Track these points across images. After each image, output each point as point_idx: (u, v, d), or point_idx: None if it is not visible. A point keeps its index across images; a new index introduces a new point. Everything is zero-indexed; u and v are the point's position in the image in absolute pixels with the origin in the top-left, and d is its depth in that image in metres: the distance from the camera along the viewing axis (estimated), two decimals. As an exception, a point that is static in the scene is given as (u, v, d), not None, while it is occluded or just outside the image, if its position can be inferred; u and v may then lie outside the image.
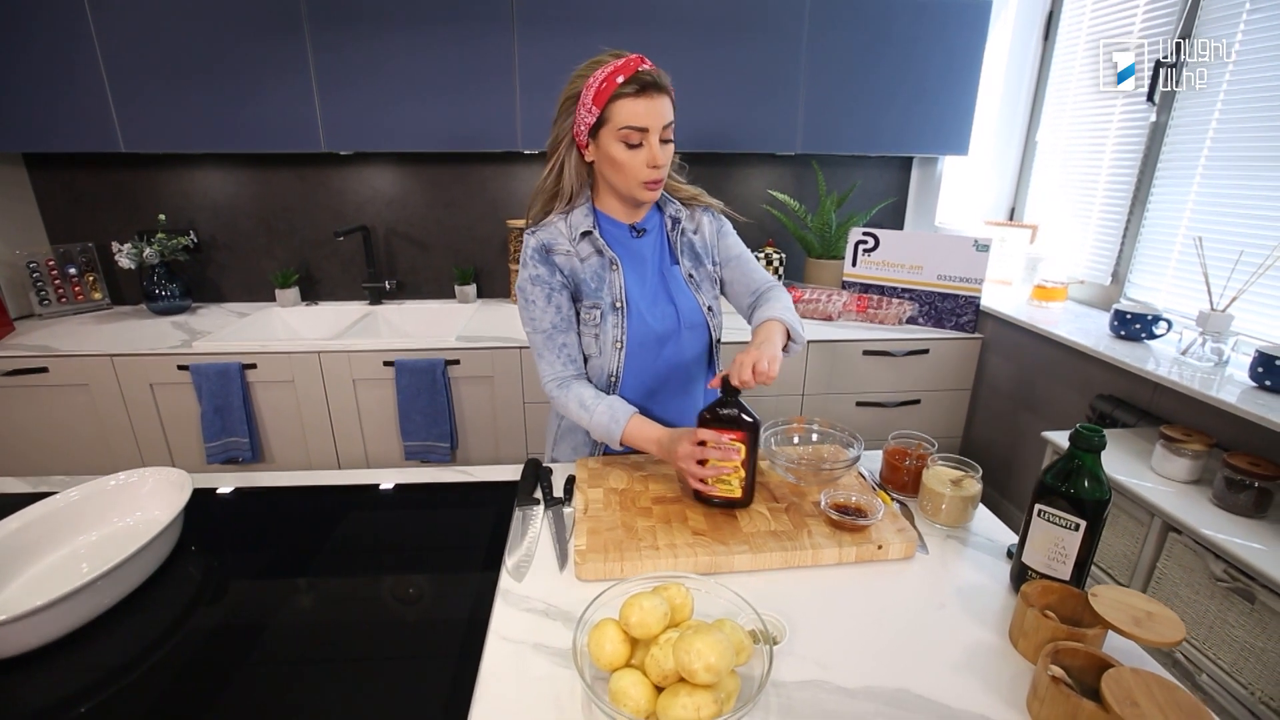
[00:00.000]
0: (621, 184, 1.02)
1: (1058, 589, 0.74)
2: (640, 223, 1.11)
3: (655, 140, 0.98)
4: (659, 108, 0.96)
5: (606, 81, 0.95)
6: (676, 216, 1.12)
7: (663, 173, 1.01)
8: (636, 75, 0.94)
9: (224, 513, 1.03)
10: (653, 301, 1.10)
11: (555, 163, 1.05)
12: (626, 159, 0.98)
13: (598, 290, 1.07)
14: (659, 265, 1.12)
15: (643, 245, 1.11)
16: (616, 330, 1.07)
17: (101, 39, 1.78)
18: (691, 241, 1.14)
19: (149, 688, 0.69)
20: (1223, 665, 1.11)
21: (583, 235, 1.06)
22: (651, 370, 1.12)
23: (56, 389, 1.83)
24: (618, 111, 0.95)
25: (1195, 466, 1.28)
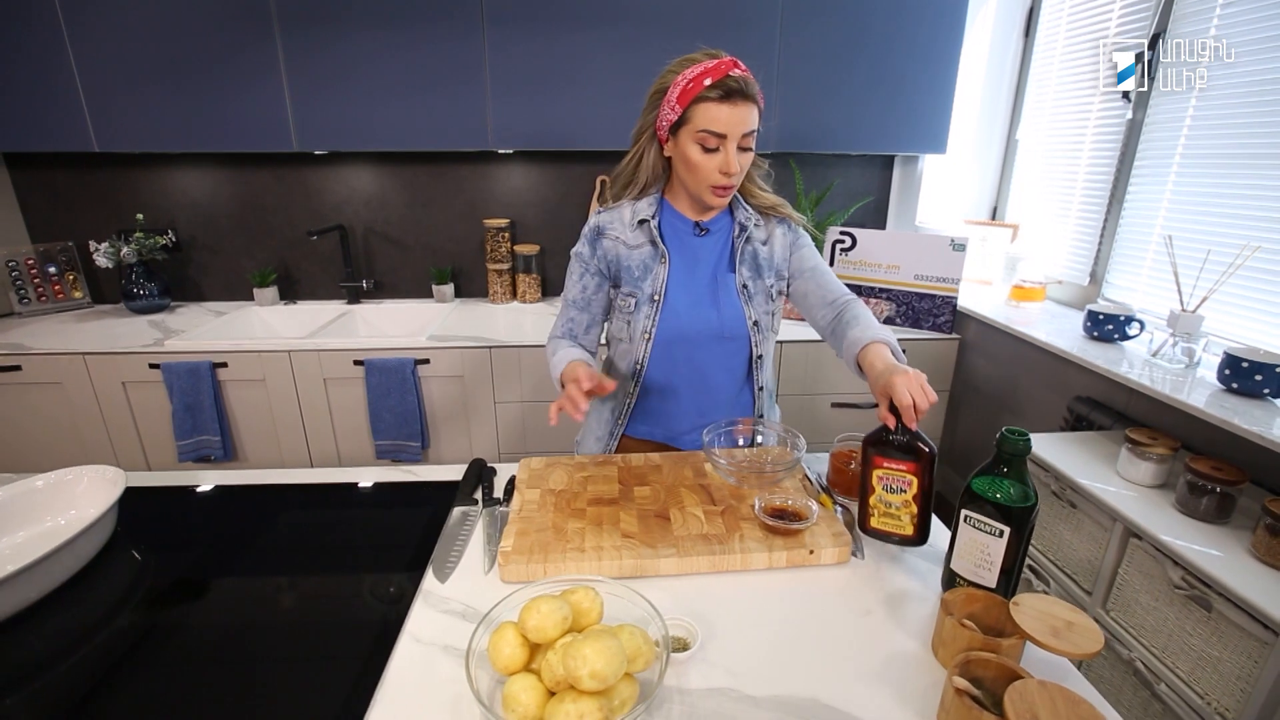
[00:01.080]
0: (692, 185, 1.03)
1: (982, 597, 0.72)
2: (707, 222, 1.11)
3: (732, 147, 0.97)
4: (741, 115, 0.95)
5: (693, 82, 0.95)
6: (745, 224, 1.10)
7: (735, 180, 1.01)
8: (723, 80, 0.93)
9: (163, 510, 1.02)
10: (695, 302, 1.09)
11: (636, 152, 1.08)
12: (701, 161, 0.99)
13: (640, 279, 1.09)
14: (714, 268, 1.11)
15: (703, 245, 1.11)
16: (648, 322, 1.08)
17: (73, 38, 1.79)
18: (756, 252, 1.11)
19: (58, 684, 0.68)
20: (1180, 674, 1.09)
21: (640, 223, 1.08)
22: (681, 370, 1.12)
23: (30, 386, 1.84)
24: (698, 114, 0.95)
25: (1160, 470, 1.25)
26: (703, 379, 1.13)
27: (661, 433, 1.18)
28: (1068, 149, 1.89)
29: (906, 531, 0.84)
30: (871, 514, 0.86)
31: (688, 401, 1.15)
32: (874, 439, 0.83)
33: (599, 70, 1.91)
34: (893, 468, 0.82)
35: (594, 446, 1.21)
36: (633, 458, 1.09)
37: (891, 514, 0.84)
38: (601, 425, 1.20)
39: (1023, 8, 2.02)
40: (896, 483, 0.82)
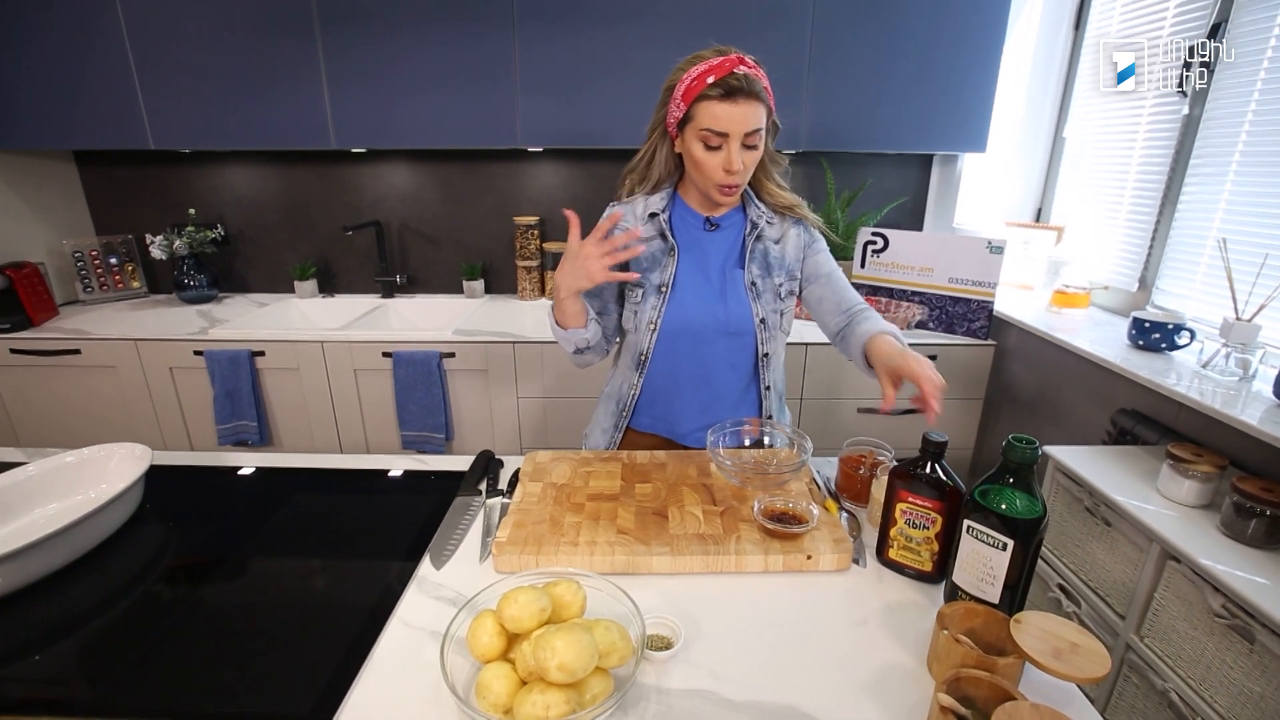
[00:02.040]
0: (699, 182, 1.04)
1: (982, 612, 0.69)
2: (718, 218, 1.11)
3: (735, 146, 0.96)
4: (743, 113, 0.94)
5: (697, 80, 0.94)
6: (756, 221, 1.10)
7: (739, 178, 1.00)
8: (725, 79, 0.93)
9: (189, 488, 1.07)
10: (702, 296, 1.09)
11: (649, 148, 1.09)
12: (704, 159, 0.99)
13: (649, 271, 1.09)
14: (723, 264, 1.11)
15: (712, 240, 1.11)
16: (654, 312, 1.08)
17: (134, 46, 1.90)
18: (767, 250, 1.11)
19: (70, 647, 0.72)
20: (1219, 710, 1.01)
21: (650, 216, 1.09)
22: (685, 363, 1.12)
23: (87, 369, 1.96)
24: (701, 112, 0.95)
25: (1205, 490, 1.17)
26: (707, 373, 1.12)
27: (665, 427, 1.17)
28: (1118, 148, 1.79)
29: (925, 567, 0.81)
30: (891, 545, 0.83)
31: (690, 396, 1.13)
32: (902, 471, 0.80)
33: (627, 68, 1.91)
34: (918, 503, 0.79)
35: (600, 439, 1.21)
36: (638, 455, 1.08)
37: (911, 548, 0.81)
38: (607, 417, 1.20)
39: (1072, 1, 1.92)
40: (920, 519, 0.79)
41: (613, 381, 1.22)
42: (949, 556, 0.77)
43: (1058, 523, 1.40)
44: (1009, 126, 2.09)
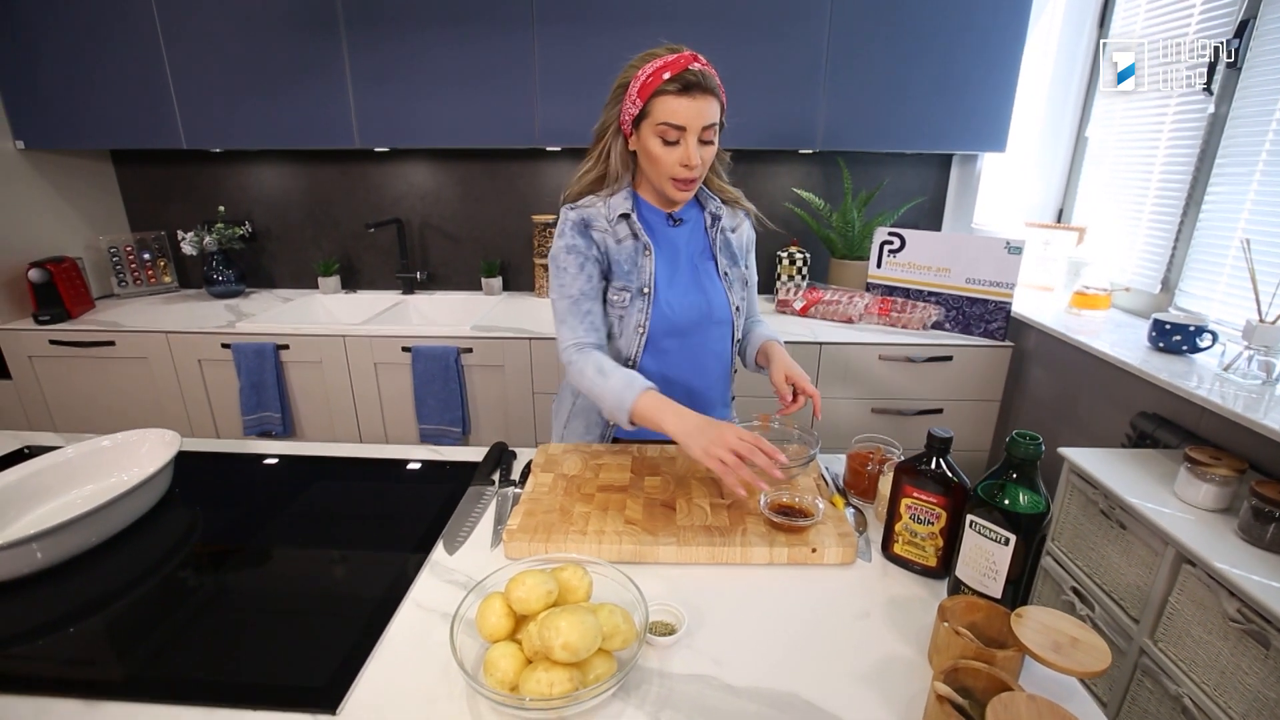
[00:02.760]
0: (654, 177, 1.04)
1: (984, 606, 0.69)
2: (678, 213, 1.13)
3: (692, 140, 0.98)
4: (700, 108, 0.96)
5: (653, 76, 0.96)
6: (717, 214, 1.14)
7: (696, 173, 1.01)
8: (682, 74, 0.94)
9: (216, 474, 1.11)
10: (683, 291, 1.10)
11: (602, 147, 1.08)
12: (661, 154, 0.99)
13: (629, 273, 1.08)
14: (692, 257, 1.13)
15: (678, 235, 1.13)
16: (640, 315, 1.08)
17: (169, 48, 1.96)
18: (729, 240, 1.16)
19: (100, 622, 0.76)
20: (1234, 716, 1.00)
21: (621, 217, 1.07)
22: (672, 360, 1.13)
23: (121, 360, 2.03)
24: (658, 107, 0.96)
25: (1223, 494, 1.15)
26: (695, 365, 1.14)
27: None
28: (1142, 147, 1.76)
29: (929, 562, 0.81)
30: (895, 540, 0.84)
31: (679, 390, 1.14)
32: (908, 467, 0.80)
33: (645, 68, 1.92)
34: (923, 499, 0.79)
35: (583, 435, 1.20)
36: (648, 448, 1.10)
37: (916, 543, 0.82)
38: (591, 430, 1.19)
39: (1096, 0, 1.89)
40: (925, 514, 0.80)
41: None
42: (953, 552, 0.77)
43: (1072, 525, 1.38)
44: (1030, 126, 2.07)
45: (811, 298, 2.07)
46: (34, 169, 2.14)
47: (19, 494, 0.92)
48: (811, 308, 2.07)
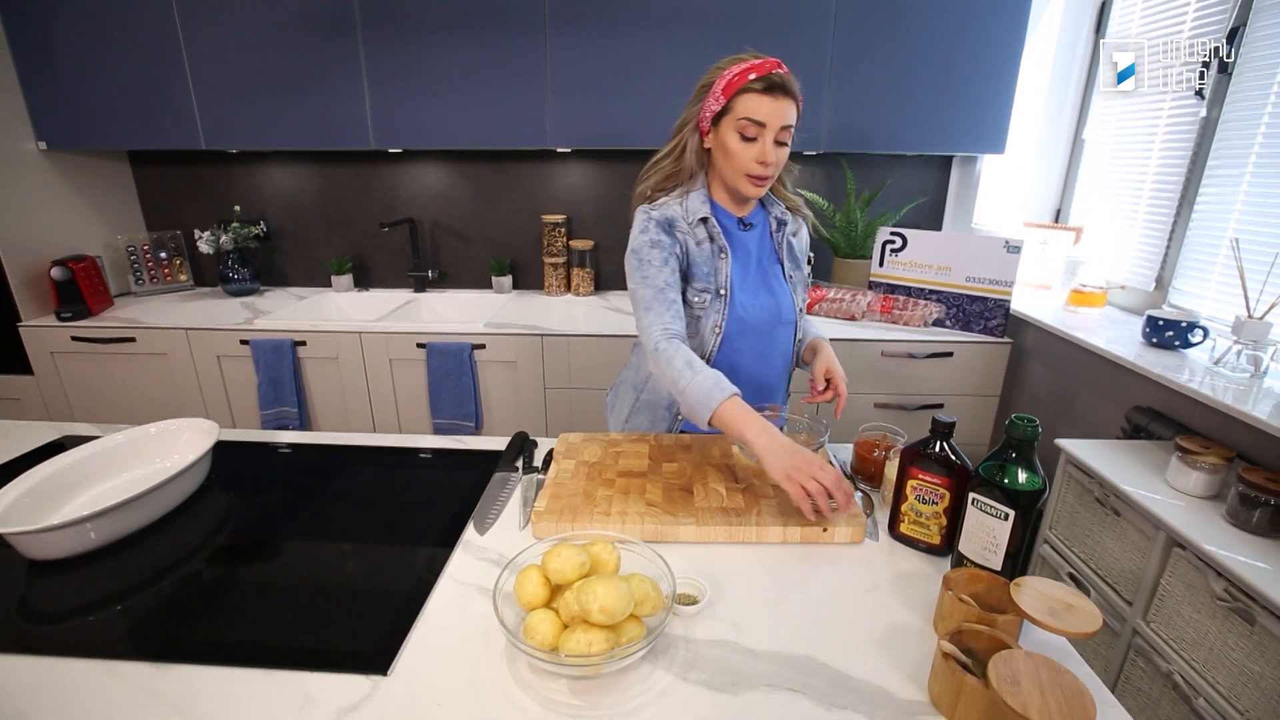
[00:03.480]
0: (729, 174, 1.08)
1: (985, 578, 0.74)
2: (748, 217, 1.17)
3: (769, 138, 1.03)
4: (780, 108, 1.01)
5: (739, 75, 1.01)
6: (782, 218, 1.19)
7: (770, 170, 1.05)
8: (767, 75, 1.00)
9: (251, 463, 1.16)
10: (753, 293, 1.15)
11: (678, 143, 1.12)
12: (739, 150, 1.04)
13: (707, 275, 1.11)
14: (760, 260, 1.18)
15: (749, 238, 1.17)
16: (718, 316, 1.12)
17: (189, 48, 2.01)
18: (792, 244, 1.21)
19: (158, 594, 0.81)
20: (1220, 689, 1.05)
21: (700, 220, 1.11)
22: (744, 359, 1.17)
23: (142, 356, 2.08)
24: (741, 103, 1.02)
25: (1212, 481, 1.20)
26: (763, 364, 1.19)
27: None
28: (1137, 149, 1.81)
29: (934, 540, 0.86)
30: (901, 520, 0.89)
31: (748, 386, 1.17)
32: (913, 450, 0.85)
33: (653, 71, 1.98)
34: (927, 480, 0.84)
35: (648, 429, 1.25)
36: (664, 437, 1.15)
37: (921, 523, 0.87)
38: (658, 423, 1.23)
39: (1094, 3, 1.95)
40: (930, 494, 0.85)
41: (655, 388, 1.21)
42: (956, 531, 0.82)
43: (1069, 513, 1.44)
44: (1029, 128, 2.12)
45: (815, 296, 2.13)
46: (55, 169, 2.19)
47: (75, 475, 0.97)
48: (815, 305, 2.12)
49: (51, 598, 0.82)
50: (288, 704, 0.64)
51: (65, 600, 0.81)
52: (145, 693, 0.65)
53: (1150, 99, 1.75)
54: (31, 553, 0.85)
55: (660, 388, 1.21)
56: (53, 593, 0.82)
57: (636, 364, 1.27)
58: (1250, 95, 1.48)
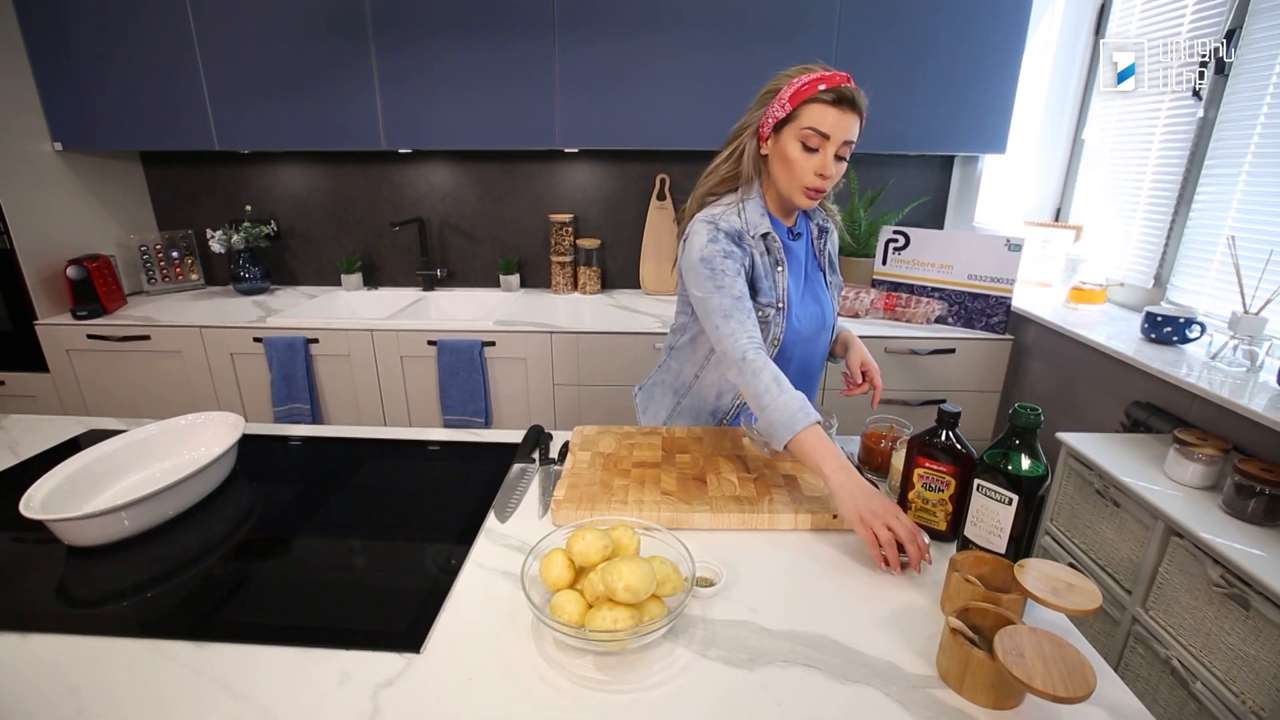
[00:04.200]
0: (785, 183, 1.06)
1: (990, 560, 0.78)
2: (795, 226, 1.18)
3: (831, 151, 1.01)
4: (846, 122, 1.00)
5: (808, 85, 1.00)
6: (825, 226, 1.21)
7: (828, 184, 1.04)
8: (838, 88, 0.99)
9: (273, 453, 1.20)
10: (804, 303, 1.17)
11: (736, 146, 1.11)
12: (799, 160, 1.02)
13: (769, 289, 1.11)
14: (806, 269, 1.19)
15: (798, 248, 1.18)
16: (777, 330, 1.12)
17: (203, 50, 2.05)
18: (830, 252, 1.24)
19: (195, 579, 0.84)
20: (1217, 673, 1.08)
21: (762, 236, 1.09)
22: (793, 365, 1.18)
23: (156, 353, 2.11)
24: (807, 112, 1.00)
25: (1209, 472, 1.24)
26: (807, 370, 1.23)
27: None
28: (1136, 149, 1.85)
29: (939, 527, 0.89)
30: (909, 507, 0.91)
31: None
32: (919, 440, 0.88)
33: (660, 73, 2.01)
34: (934, 468, 0.87)
35: None
36: (675, 430, 1.19)
37: (928, 509, 0.90)
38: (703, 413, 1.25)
39: (1093, 5, 1.98)
40: (936, 482, 0.88)
41: (698, 394, 1.22)
42: (961, 518, 0.85)
43: (1069, 505, 1.47)
44: (1029, 128, 2.16)
45: (819, 293, 2.16)
46: (70, 170, 2.22)
47: (109, 466, 1.01)
48: (819, 303, 2.15)
49: (90, 582, 0.85)
50: (327, 680, 0.67)
51: (104, 584, 0.84)
52: (189, 670, 0.69)
53: (1149, 99, 1.78)
54: (70, 539, 0.88)
55: (706, 393, 1.21)
56: (91, 577, 0.86)
57: (677, 368, 1.26)
58: (1247, 96, 1.51)
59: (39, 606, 0.79)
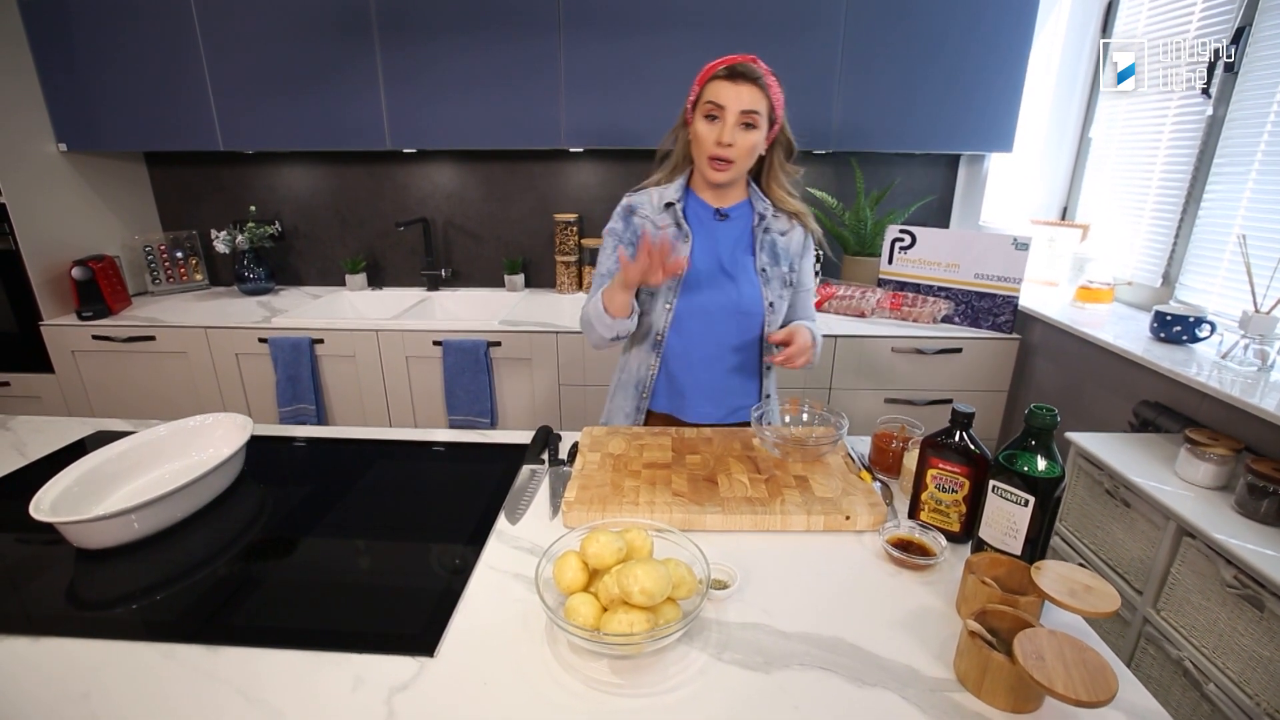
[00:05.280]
0: (697, 157, 1.17)
1: (1006, 562, 0.77)
2: (727, 208, 1.24)
3: (730, 120, 1.10)
4: (740, 93, 1.09)
5: (710, 67, 1.13)
6: (764, 214, 1.23)
7: (732, 154, 1.12)
8: (733, 65, 1.10)
9: (281, 454, 1.19)
10: (715, 279, 1.21)
11: (673, 134, 1.24)
12: (703, 132, 1.13)
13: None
14: (733, 251, 1.23)
15: (722, 229, 1.23)
16: (670, 294, 1.20)
17: (208, 51, 2.04)
18: (774, 241, 1.25)
19: (205, 581, 0.84)
20: (1230, 675, 1.08)
21: (666, 206, 1.22)
22: (697, 341, 1.23)
23: (162, 354, 2.11)
24: (708, 89, 1.12)
25: (1221, 472, 1.23)
26: (719, 352, 1.23)
27: (676, 407, 1.28)
28: (1144, 147, 1.84)
29: (953, 528, 0.89)
30: (922, 508, 0.91)
31: (702, 374, 1.24)
32: (933, 441, 0.88)
33: (665, 72, 2.00)
34: (947, 469, 0.87)
35: (622, 423, 1.31)
36: (686, 430, 1.18)
37: (941, 510, 0.89)
38: (629, 401, 1.30)
39: (1100, 3, 1.97)
40: (950, 483, 0.87)
41: (628, 368, 1.32)
42: (975, 519, 0.85)
43: (1079, 505, 1.47)
44: (1036, 127, 2.15)
45: (825, 293, 2.15)
46: (75, 171, 2.22)
47: (118, 467, 1.00)
48: (825, 302, 2.15)
49: (100, 585, 0.84)
50: (341, 684, 0.67)
51: (114, 587, 0.84)
52: (201, 674, 0.68)
53: (1157, 97, 1.77)
54: (80, 541, 0.88)
55: (631, 368, 1.30)
56: (101, 580, 0.85)
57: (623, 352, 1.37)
58: (1257, 93, 1.50)
59: (49, 610, 0.79)
